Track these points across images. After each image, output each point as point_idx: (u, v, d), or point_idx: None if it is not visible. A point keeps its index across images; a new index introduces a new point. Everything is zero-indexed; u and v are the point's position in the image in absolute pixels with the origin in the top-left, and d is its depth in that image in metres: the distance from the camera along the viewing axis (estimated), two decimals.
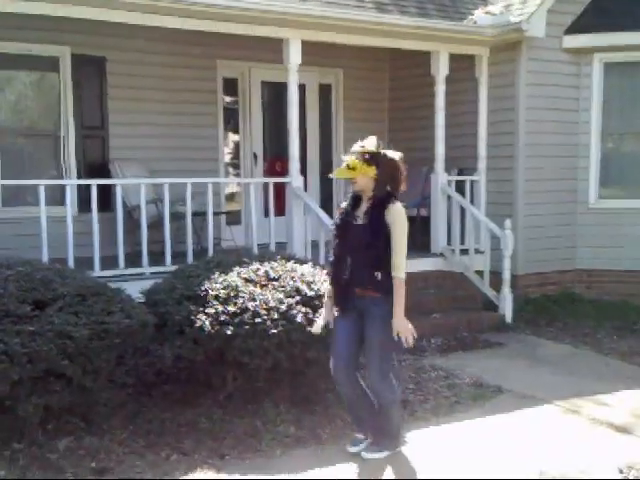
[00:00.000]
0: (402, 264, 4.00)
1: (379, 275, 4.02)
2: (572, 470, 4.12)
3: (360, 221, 4.10)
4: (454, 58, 8.13)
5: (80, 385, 4.21)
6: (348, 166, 4.07)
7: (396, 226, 3.99)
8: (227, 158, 9.27)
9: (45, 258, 5.91)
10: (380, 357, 4.10)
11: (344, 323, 4.18)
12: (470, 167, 8.66)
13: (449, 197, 8.27)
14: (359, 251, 4.08)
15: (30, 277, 4.46)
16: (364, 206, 4.11)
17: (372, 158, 4.05)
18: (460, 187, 8.44)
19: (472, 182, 8.55)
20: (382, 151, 4.10)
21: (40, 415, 4.21)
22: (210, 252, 6.72)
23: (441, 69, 8.06)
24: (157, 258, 6.64)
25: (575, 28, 8.50)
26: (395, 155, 4.13)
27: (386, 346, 4.10)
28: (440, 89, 8.15)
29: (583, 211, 8.79)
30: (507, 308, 7.61)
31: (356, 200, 4.19)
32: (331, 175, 4.88)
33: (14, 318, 4.08)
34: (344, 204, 4.30)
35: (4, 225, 7.14)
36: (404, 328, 4.04)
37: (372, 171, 4.02)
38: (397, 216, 4.01)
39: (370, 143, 4.11)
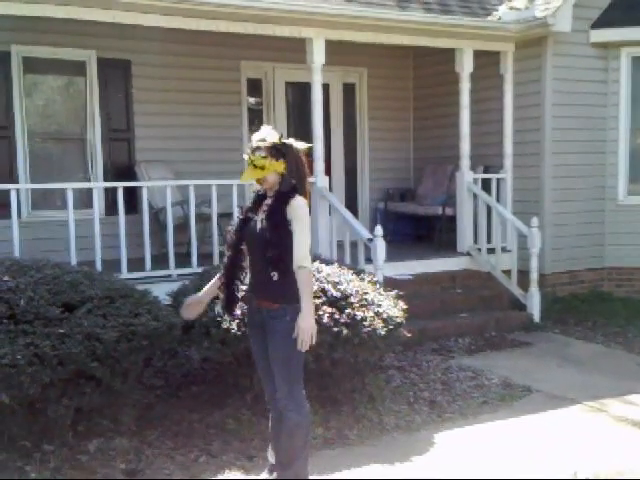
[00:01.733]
0: (306, 255, 3.52)
1: (277, 279, 3.55)
2: (606, 470, 4.06)
3: (259, 221, 3.62)
4: (478, 55, 8.07)
5: (109, 387, 4.24)
6: (255, 165, 3.57)
7: (297, 221, 3.52)
8: None
9: (73, 261, 5.97)
10: (285, 375, 3.62)
11: (254, 340, 3.80)
12: (496, 165, 8.59)
13: (475, 195, 8.21)
14: (257, 254, 3.63)
15: (59, 280, 4.49)
16: (265, 204, 3.66)
17: (279, 151, 3.58)
18: (486, 185, 8.37)
19: (498, 180, 8.48)
20: (287, 141, 3.63)
21: (71, 417, 4.24)
22: None
23: (465, 66, 8.00)
24: (183, 260, 6.67)
25: (602, 22, 8.39)
26: (299, 145, 3.68)
27: (292, 363, 3.61)
28: (465, 86, 8.10)
29: (612, 208, 8.68)
30: (535, 307, 7.54)
31: (261, 198, 3.71)
32: (241, 181, 4.05)
33: (44, 320, 4.12)
34: (247, 205, 3.87)
35: (33, 228, 7.22)
36: (305, 328, 3.46)
37: (281, 166, 3.57)
38: (298, 210, 3.54)
39: (272, 135, 3.63)
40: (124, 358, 4.26)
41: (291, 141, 3.65)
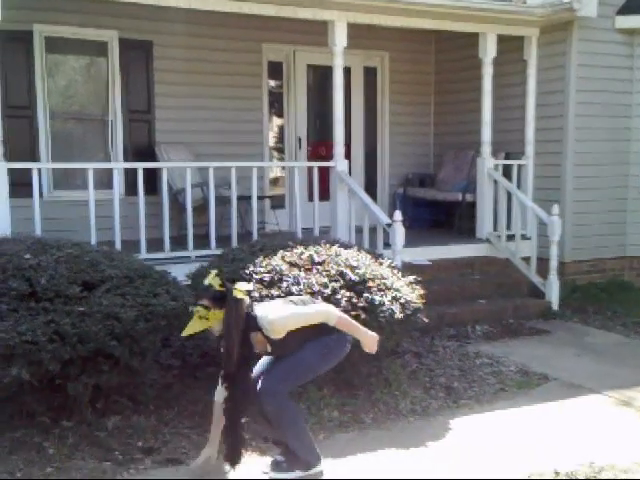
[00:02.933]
0: (321, 312, 3.67)
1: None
2: (623, 462, 4.04)
3: None
4: (502, 39, 7.98)
5: (127, 365, 4.27)
6: (200, 316, 3.55)
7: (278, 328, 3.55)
8: (271, 142, 9.28)
9: (93, 240, 6.00)
10: (283, 370, 3.67)
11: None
12: (517, 151, 8.51)
13: (495, 182, 8.15)
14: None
15: (79, 259, 4.52)
16: None
17: (222, 299, 3.56)
18: (507, 172, 8.31)
19: (519, 166, 8.41)
20: (227, 287, 3.61)
21: (89, 394, 4.29)
22: (254, 236, 6.75)
23: (488, 51, 7.91)
24: (202, 241, 6.69)
25: (628, 8, 8.26)
26: (239, 289, 3.63)
27: (298, 371, 3.70)
28: (487, 72, 8.02)
29: (635, 196, 8.58)
30: (554, 295, 7.49)
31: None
32: (183, 333, 3.68)
33: (64, 299, 4.15)
34: None
35: (54, 208, 7.28)
36: (370, 341, 3.76)
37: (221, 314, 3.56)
38: (273, 325, 3.55)
39: (214, 281, 3.61)
40: (142, 337, 4.29)
41: (233, 288, 3.59)
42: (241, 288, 3.63)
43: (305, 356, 3.68)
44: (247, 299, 3.66)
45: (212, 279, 3.60)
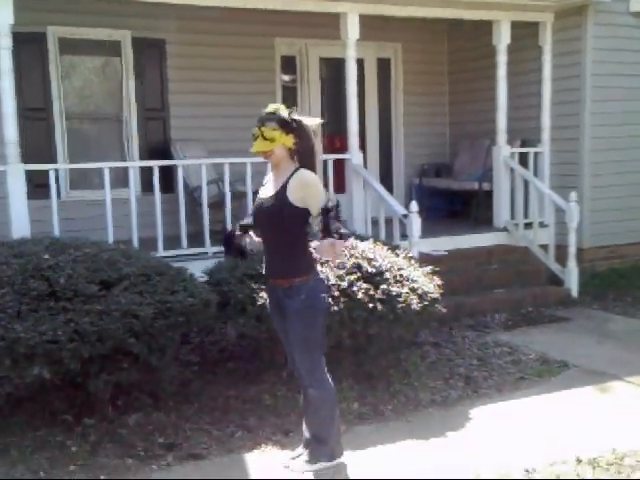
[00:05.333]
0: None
1: (287, 255, 3.53)
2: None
3: (269, 201, 3.54)
4: (516, 26, 7.91)
5: (146, 362, 4.30)
6: (265, 137, 3.46)
7: (310, 196, 3.40)
8: None
9: (110, 239, 6.05)
10: (303, 354, 3.59)
11: (274, 318, 3.80)
12: (533, 138, 8.44)
13: (512, 170, 8.09)
14: (267, 231, 3.60)
15: (97, 258, 4.56)
16: (277, 183, 3.54)
17: (289, 125, 3.48)
18: (523, 159, 8.25)
19: (536, 154, 8.34)
20: (297, 117, 3.52)
21: (110, 391, 4.33)
22: None
23: (502, 38, 7.85)
24: (219, 237, 6.70)
25: None
26: (310, 121, 3.57)
27: (309, 342, 3.57)
28: (501, 59, 7.95)
29: None
30: (573, 282, 7.44)
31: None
32: (253, 151, 3.64)
33: (83, 298, 4.19)
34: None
35: (72, 208, 7.34)
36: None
37: (290, 140, 3.48)
38: (309, 183, 3.44)
39: (282, 109, 3.53)
40: (161, 334, 4.32)
41: (301, 117, 3.53)
42: (310, 119, 3.58)
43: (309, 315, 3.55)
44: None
45: (278, 107, 3.52)
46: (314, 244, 3.41)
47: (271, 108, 3.52)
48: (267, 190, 3.61)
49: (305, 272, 3.52)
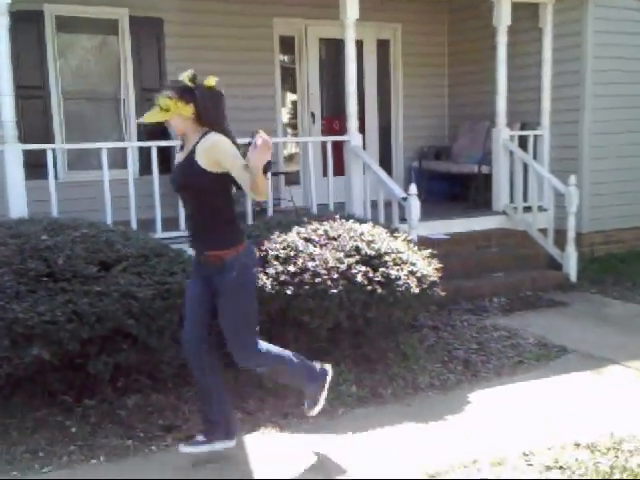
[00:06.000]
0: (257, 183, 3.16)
1: (212, 226, 3.42)
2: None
3: (180, 171, 3.46)
4: (516, 7, 7.85)
5: (145, 344, 4.28)
6: (160, 107, 3.35)
7: (224, 157, 3.30)
8: (285, 118, 9.23)
9: (109, 220, 6.02)
10: (239, 335, 3.49)
11: (192, 286, 3.63)
12: (533, 122, 8.42)
13: (511, 153, 8.07)
14: (188, 202, 3.51)
15: (95, 239, 4.53)
16: (186, 152, 3.47)
17: (188, 93, 3.37)
18: (523, 142, 8.22)
19: (535, 137, 8.32)
20: (198, 82, 3.41)
21: (109, 373, 4.31)
22: (269, 212, 6.73)
23: (503, 19, 7.78)
24: None
25: None
26: (212, 81, 3.44)
27: (242, 322, 3.48)
28: (501, 41, 7.89)
29: None
30: (571, 267, 7.43)
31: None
32: (140, 120, 3.71)
33: (82, 279, 4.17)
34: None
35: (70, 188, 7.29)
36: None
37: (189, 110, 3.36)
38: (219, 145, 3.33)
39: (184, 76, 3.41)
40: (159, 316, 4.30)
41: (205, 80, 3.40)
42: (212, 80, 3.44)
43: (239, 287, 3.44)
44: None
45: (185, 74, 3.41)
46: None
47: (181, 76, 3.41)
48: (179, 158, 3.52)
49: (232, 244, 3.41)
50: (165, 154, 6.89)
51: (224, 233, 3.43)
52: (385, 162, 9.09)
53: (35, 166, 6.17)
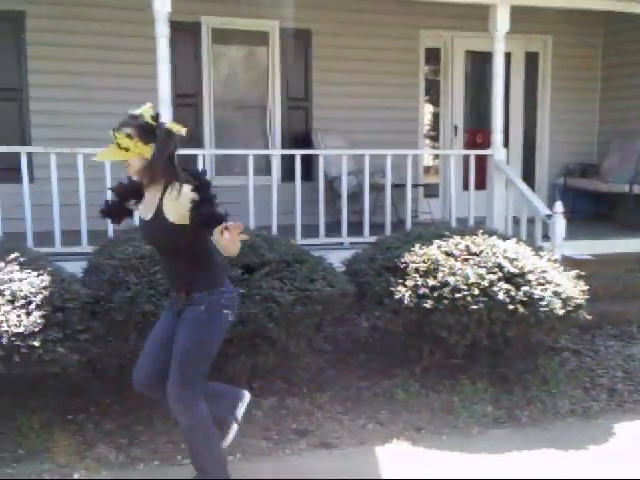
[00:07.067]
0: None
1: (189, 271, 3.18)
2: None
3: (151, 226, 3.17)
4: None
5: (284, 348, 4.37)
6: (119, 145, 3.04)
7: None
8: (425, 130, 9.17)
9: (252, 225, 6.19)
10: (180, 368, 3.15)
11: (162, 319, 3.39)
12: None
13: None
14: (162, 250, 3.28)
15: (240, 242, 4.65)
16: (151, 201, 3.16)
17: (150, 133, 3.06)
18: None
19: None
20: (160, 122, 3.12)
21: (247, 374, 4.43)
22: (408, 224, 6.69)
23: None
24: (355, 229, 6.72)
25: None
26: (176, 128, 3.16)
27: (192, 357, 3.16)
28: None
29: None
30: None
31: (136, 186, 3.26)
32: (93, 158, 3.32)
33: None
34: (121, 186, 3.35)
35: (217, 193, 7.55)
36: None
37: (149, 151, 3.06)
38: (184, 200, 3.03)
39: (146, 112, 3.09)
40: (298, 321, 4.37)
41: (164, 122, 3.15)
42: (176, 125, 3.17)
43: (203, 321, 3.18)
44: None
45: (145, 110, 3.10)
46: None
47: (138, 110, 3.10)
48: (145, 209, 3.21)
49: (207, 287, 3.18)
50: (306, 162, 7.02)
51: (202, 280, 3.20)
52: (528, 178, 8.79)
53: (184, 170, 6.43)
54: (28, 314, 3.80)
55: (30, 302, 3.88)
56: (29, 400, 4.31)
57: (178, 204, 3.04)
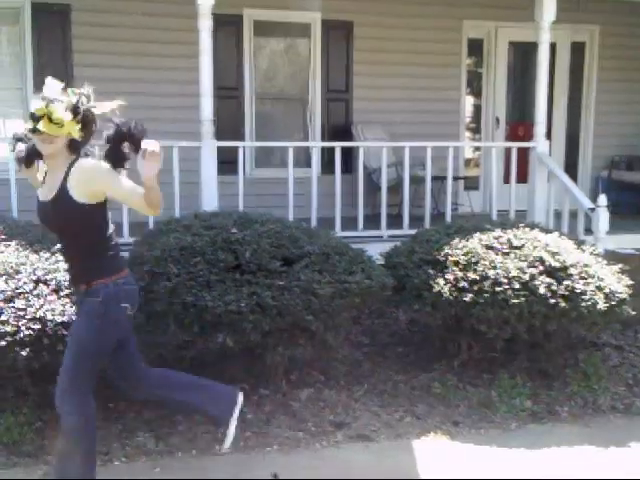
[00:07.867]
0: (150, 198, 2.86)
1: (85, 259, 3.08)
2: None
3: (49, 206, 3.02)
4: None
5: (322, 340, 4.38)
6: (51, 119, 2.87)
7: (101, 183, 2.93)
8: (466, 122, 9.08)
9: (290, 217, 6.20)
10: (70, 360, 3.05)
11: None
12: None
13: None
14: (61, 240, 3.18)
15: (280, 234, 4.68)
16: (53, 181, 3.01)
17: (79, 112, 2.95)
18: None
19: None
20: (91, 105, 3.01)
21: (285, 365, 4.47)
22: (448, 217, 6.65)
23: None
24: (394, 221, 6.70)
25: None
26: (108, 106, 3.03)
27: (81, 353, 3.04)
28: None
29: None
30: None
31: (33, 154, 3.12)
32: (20, 132, 3.18)
33: (265, 272, 4.33)
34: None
35: (255, 184, 7.61)
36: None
37: (77, 131, 2.96)
38: (93, 174, 2.94)
39: (82, 92, 3.00)
40: (337, 314, 4.38)
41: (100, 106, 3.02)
42: (105, 104, 3.05)
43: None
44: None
45: (84, 91, 3.02)
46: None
47: (50, 86, 2.99)
48: (45, 190, 3.08)
49: (106, 275, 3.05)
50: (345, 154, 7.02)
51: (98, 265, 3.08)
52: (570, 171, 8.63)
53: (225, 162, 6.49)
54: (72, 304, 3.88)
55: None
56: None
57: (88, 178, 2.94)
